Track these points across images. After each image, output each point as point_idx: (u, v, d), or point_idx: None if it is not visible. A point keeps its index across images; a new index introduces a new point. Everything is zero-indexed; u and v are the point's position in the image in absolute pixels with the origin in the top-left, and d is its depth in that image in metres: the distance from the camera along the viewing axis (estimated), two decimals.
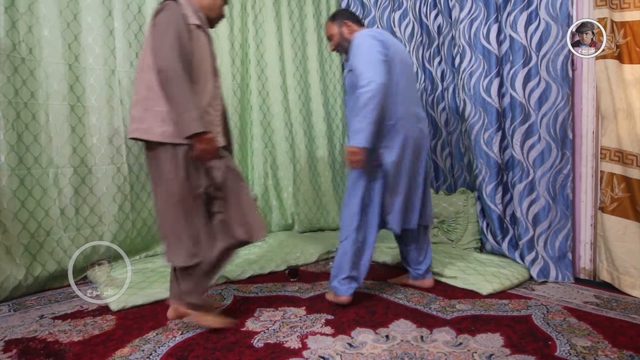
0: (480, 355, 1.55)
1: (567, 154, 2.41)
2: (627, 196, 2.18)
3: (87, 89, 2.54)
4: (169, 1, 1.68)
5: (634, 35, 2.13)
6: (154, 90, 1.66)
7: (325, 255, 2.94)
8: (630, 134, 2.15)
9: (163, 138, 1.66)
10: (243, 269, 2.52)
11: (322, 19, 3.69)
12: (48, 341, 1.74)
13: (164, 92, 1.64)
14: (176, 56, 1.60)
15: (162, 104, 1.66)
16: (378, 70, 1.89)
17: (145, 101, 1.68)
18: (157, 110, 1.67)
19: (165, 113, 1.66)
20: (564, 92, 2.38)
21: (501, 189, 2.66)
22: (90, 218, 2.56)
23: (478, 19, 2.64)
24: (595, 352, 1.55)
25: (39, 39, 2.35)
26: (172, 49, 1.60)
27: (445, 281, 2.35)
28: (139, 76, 1.73)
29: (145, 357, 1.60)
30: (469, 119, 2.70)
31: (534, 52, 2.45)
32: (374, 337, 1.71)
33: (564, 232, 2.43)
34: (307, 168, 3.60)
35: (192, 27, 1.69)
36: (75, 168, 2.50)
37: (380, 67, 1.90)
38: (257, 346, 1.67)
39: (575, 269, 2.44)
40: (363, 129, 1.88)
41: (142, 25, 2.75)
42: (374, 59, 1.91)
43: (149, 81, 1.67)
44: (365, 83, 1.87)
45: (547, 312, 1.92)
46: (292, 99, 3.53)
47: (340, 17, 2.17)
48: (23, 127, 2.30)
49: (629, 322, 1.80)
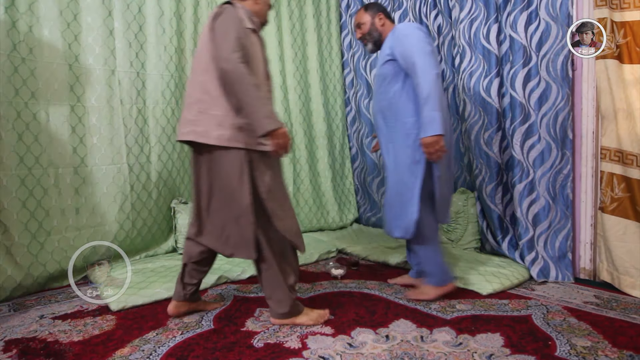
0: (480, 355, 1.55)
1: (567, 154, 2.41)
2: (627, 196, 2.18)
3: (87, 89, 2.54)
4: (227, 5, 1.70)
5: (634, 35, 2.13)
6: (209, 94, 1.68)
7: (325, 255, 2.94)
8: (630, 134, 2.15)
9: (219, 142, 1.67)
10: (243, 269, 2.52)
11: (322, 19, 3.69)
12: (48, 341, 1.74)
13: (232, 93, 1.65)
14: (240, 57, 1.61)
15: (218, 107, 1.67)
16: (433, 61, 1.91)
17: (200, 104, 1.69)
18: (213, 114, 1.67)
19: (222, 117, 1.67)
20: (564, 92, 2.38)
21: (501, 189, 2.67)
22: (91, 218, 2.56)
23: (478, 19, 2.64)
24: (595, 352, 1.55)
25: (39, 38, 2.36)
26: (235, 50, 1.60)
27: None
28: (193, 79, 1.75)
29: (145, 357, 1.60)
30: (469, 119, 2.70)
31: (534, 52, 2.45)
32: (374, 337, 1.71)
33: (564, 232, 2.43)
34: (307, 168, 3.60)
35: (248, 31, 1.71)
36: (75, 168, 2.50)
37: (434, 57, 1.93)
38: (257, 346, 1.67)
39: (575, 269, 2.44)
40: (435, 117, 1.86)
41: (142, 25, 2.75)
42: (428, 50, 1.93)
43: (204, 84, 1.68)
44: (423, 73, 1.87)
45: (547, 312, 1.92)
46: (292, 99, 3.53)
47: (375, 9, 2.18)
48: (24, 127, 2.30)
49: (629, 322, 1.80)
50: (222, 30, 1.64)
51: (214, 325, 1.86)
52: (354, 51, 3.70)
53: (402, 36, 1.99)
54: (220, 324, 1.87)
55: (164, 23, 2.83)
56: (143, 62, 2.77)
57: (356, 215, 3.81)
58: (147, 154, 2.81)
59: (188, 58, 2.97)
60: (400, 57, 1.98)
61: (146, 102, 2.80)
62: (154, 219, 2.86)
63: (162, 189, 2.89)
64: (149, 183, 2.82)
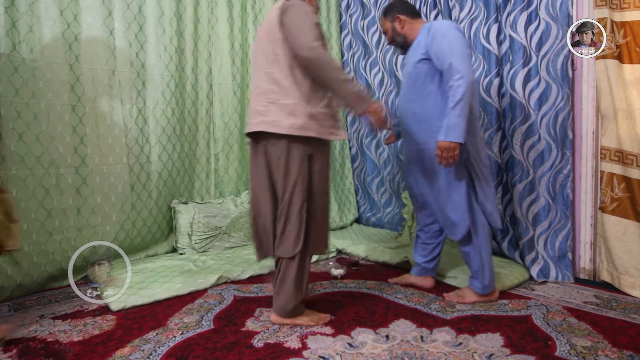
0: (480, 355, 1.55)
1: (567, 154, 2.41)
2: (627, 196, 2.18)
3: (88, 89, 2.54)
4: (293, 0, 1.72)
5: (634, 35, 2.13)
6: (279, 84, 1.70)
7: (325, 255, 2.94)
8: (630, 134, 2.15)
9: (291, 130, 1.68)
10: (243, 269, 2.52)
11: (322, 19, 3.69)
12: (48, 341, 1.74)
13: (319, 80, 1.69)
14: (319, 44, 1.65)
15: (289, 97, 1.69)
16: (469, 65, 1.86)
17: (269, 94, 1.72)
18: (284, 103, 1.70)
19: (293, 106, 1.69)
20: (564, 92, 2.38)
21: (501, 189, 2.67)
22: (91, 218, 2.56)
23: (478, 19, 2.64)
24: (595, 352, 1.55)
25: (40, 38, 2.36)
26: (315, 39, 1.64)
27: (445, 281, 2.35)
28: (258, 71, 1.78)
29: (145, 357, 1.60)
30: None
31: (533, 52, 2.45)
32: (374, 337, 1.71)
33: (564, 232, 2.43)
34: None
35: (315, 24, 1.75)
36: (76, 168, 2.50)
37: (469, 61, 1.89)
38: (257, 346, 1.67)
39: (575, 269, 2.44)
40: (459, 124, 1.82)
41: (142, 25, 2.75)
42: (465, 52, 1.88)
43: (272, 75, 1.71)
44: (459, 77, 1.83)
45: (547, 312, 1.92)
46: None
47: (393, 12, 2.13)
48: (24, 127, 2.30)
49: (629, 322, 1.80)
50: (298, 22, 1.67)
51: (214, 325, 1.86)
52: (353, 51, 3.70)
53: (439, 35, 1.92)
54: (220, 324, 1.88)
55: (164, 23, 2.83)
56: (143, 62, 2.77)
57: (356, 215, 3.81)
58: (147, 154, 2.81)
59: (188, 58, 2.98)
60: (435, 57, 1.93)
61: (146, 102, 2.80)
62: (154, 219, 2.86)
63: (162, 189, 2.90)
64: (149, 183, 2.82)
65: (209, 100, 3.13)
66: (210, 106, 3.14)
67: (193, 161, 3.10)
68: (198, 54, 3.04)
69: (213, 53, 3.13)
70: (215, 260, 2.68)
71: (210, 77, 3.12)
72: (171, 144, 2.91)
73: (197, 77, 3.05)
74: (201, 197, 3.15)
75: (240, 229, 3.05)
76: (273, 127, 1.70)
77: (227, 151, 3.23)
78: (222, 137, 3.20)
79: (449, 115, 1.84)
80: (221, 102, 3.18)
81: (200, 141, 3.11)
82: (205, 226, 2.91)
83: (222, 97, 3.18)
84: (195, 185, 3.13)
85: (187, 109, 3.01)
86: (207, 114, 3.13)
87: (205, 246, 2.90)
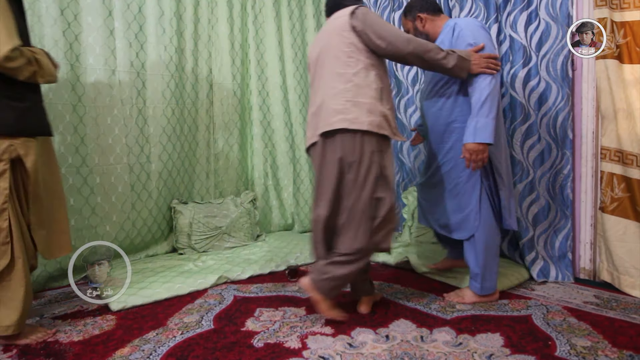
0: (480, 355, 1.55)
1: (567, 154, 2.41)
2: (627, 196, 2.18)
3: (88, 88, 2.54)
4: (359, 6, 1.83)
5: (634, 35, 2.13)
6: (354, 83, 1.77)
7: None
8: (630, 134, 2.15)
9: (371, 127, 1.75)
10: (243, 269, 2.52)
11: (322, 19, 3.69)
12: (48, 341, 1.74)
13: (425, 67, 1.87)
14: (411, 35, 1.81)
15: (366, 96, 1.77)
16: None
17: (346, 94, 1.77)
18: (362, 101, 1.76)
19: (370, 105, 1.77)
20: (564, 92, 2.38)
21: None
22: (92, 218, 2.56)
23: (478, 19, 2.64)
24: (595, 352, 1.55)
25: (40, 38, 2.36)
26: (400, 33, 1.79)
27: (445, 281, 2.35)
28: (329, 72, 1.82)
29: (145, 357, 1.60)
30: None
31: (533, 52, 2.45)
32: (374, 337, 1.71)
33: (564, 232, 2.43)
34: (307, 168, 3.60)
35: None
36: (77, 168, 2.50)
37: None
38: (257, 346, 1.67)
39: (575, 269, 2.45)
40: (489, 124, 1.79)
41: (142, 25, 2.75)
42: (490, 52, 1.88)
43: (346, 76, 1.78)
44: (483, 75, 1.83)
45: (547, 312, 1.92)
46: (292, 99, 3.53)
47: (413, 11, 2.11)
48: None
49: (629, 322, 1.80)
50: (377, 25, 1.78)
51: (214, 325, 1.86)
52: None
53: (463, 35, 1.93)
54: (220, 324, 1.88)
55: (164, 23, 2.83)
56: (143, 62, 2.77)
57: None
58: (147, 154, 2.82)
59: (188, 58, 2.98)
60: None
61: (146, 102, 2.80)
62: (154, 219, 2.86)
63: (162, 189, 2.90)
64: (149, 183, 2.82)
65: (209, 100, 3.13)
66: (210, 106, 3.14)
67: (193, 161, 3.10)
68: (198, 54, 3.04)
69: (213, 53, 3.13)
70: (215, 260, 2.68)
71: (210, 77, 3.12)
72: (171, 144, 2.91)
73: (197, 77, 3.05)
74: (201, 197, 3.15)
75: (240, 229, 3.05)
76: (354, 124, 1.75)
77: (227, 151, 3.23)
78: (222, 137, 3.20)
79: (477, 116, 1.82)
80: (221, 102, 3.18)
81: (200, 141, 3.11)
82: (205, 226, 2.91)
83: (222, 97, 3.18)
84: (195, 185, 3.13)
85: (187, 109, 3.01)
86: (207, 114, 3.13)
87: (205, 246, 2.91)
